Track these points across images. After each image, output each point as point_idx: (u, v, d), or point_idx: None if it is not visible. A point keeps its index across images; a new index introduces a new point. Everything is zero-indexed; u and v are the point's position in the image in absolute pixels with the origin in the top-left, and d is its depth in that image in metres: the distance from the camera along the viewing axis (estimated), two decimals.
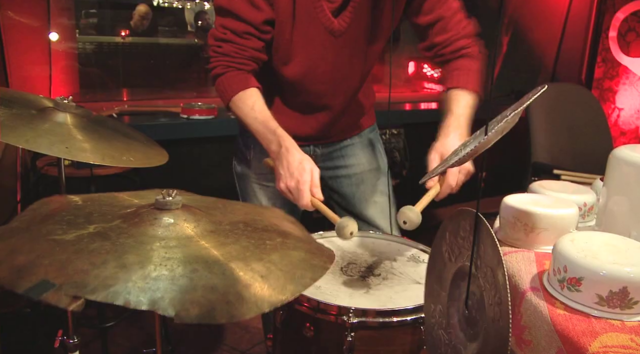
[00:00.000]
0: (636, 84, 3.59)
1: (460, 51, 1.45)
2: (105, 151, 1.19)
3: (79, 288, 0.67)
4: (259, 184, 1.64)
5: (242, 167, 1.67)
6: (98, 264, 0.72)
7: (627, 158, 1.15)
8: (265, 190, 1.64)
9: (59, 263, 0.72)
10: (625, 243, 1.02)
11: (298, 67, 1.45)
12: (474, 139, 0.79)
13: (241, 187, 1.71)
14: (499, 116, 0.77)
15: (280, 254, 0.80)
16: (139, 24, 4.18)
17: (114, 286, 0.68)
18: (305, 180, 1.23)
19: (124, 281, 0.69)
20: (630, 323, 0.90)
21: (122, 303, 0.66)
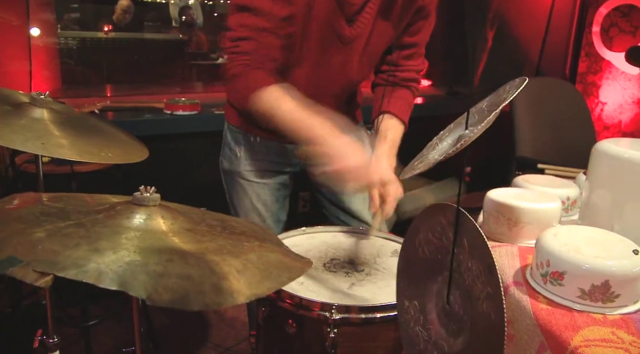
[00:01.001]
0: (619, 79, 3.61)
1: (410, 82, 1.57)
2: (83, 147, 1.17)
3: (47, 265, 0.66)
4: (247, 181, 1.62)
5: (230, 164, 1.65)
6: (70, 246, 0.71)
7: (610, 152, 1.15)
8: (254, 186, 1.62)
9: (29, 243, 0.72)
10: (608, 237, 1.02)
11: (305, 71, 1.44)
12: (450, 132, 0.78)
13: (228, 183, 1.69)
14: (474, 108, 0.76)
15: (257, 254, 0.79)
16: (122, 18, 4.13)
17: (85, 266, 0.67)
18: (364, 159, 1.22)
19: (96, 262, 0.68)
20: (612, 317, 0.90)
21: (92, 281, 0.65)
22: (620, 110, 3.66)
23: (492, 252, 0.64)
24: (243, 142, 1.61)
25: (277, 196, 1.65)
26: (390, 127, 1.48)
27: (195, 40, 5.60)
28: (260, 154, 1.60)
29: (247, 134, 1.60)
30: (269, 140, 1.59)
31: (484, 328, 0.70)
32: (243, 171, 1.61)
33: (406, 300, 0.80)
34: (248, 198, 1.62)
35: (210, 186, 2.86)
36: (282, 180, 1.65)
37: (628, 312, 0.91)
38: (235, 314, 2.49)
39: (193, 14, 5.96)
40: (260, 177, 1.60)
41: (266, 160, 1.61)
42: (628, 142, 1.21)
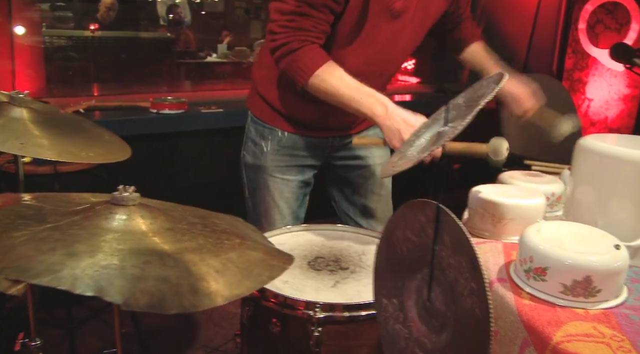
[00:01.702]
0: (605, 75, 3.63)
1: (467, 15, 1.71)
2: (63, 147, 1.16)
3: (21, 272, 0.65)
4: (272, 177, 1.60)
5: (255, 158, 1.62)
6: (45, 250, 0.70)
7: (593, 148, 1.15)
8: (278, 182, 1.60)
9: (3, 249, 0.70)
10: (591, 232, 1.02)
11: (357, 51, 1.42)
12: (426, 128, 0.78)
13: (251, 178, 1.66)
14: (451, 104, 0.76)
15: (238, 253, 0.78)
16: (106, 16, 4.10)
17: (60, 271, 0.66)
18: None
19: (71, 267, 0.67)
20: (593, 311, 0.90)
21: (67, 288, 0.64)
22: (607, 106, 3.68)
23: (475, 248, 0.64)
24: (270, 137, 1.59)
25: (298, 194, 1.64)
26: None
27: (183, 38, 5.58)
28: (287, 149, 1.59)
29: (275, 129, 1.58)
30: (295, 135, 1.58)
31: (469, 323, 0.69)
32: (270, 166, 1.59)
33: (384, 298, 0.79)
34: (271, 195, 1.60)
35: (198, 185, 2.86)
36: (305, 178, 1.64)
37: (609, 306, 0.91)
38: (224, 313, 2.48)
39: (181, 12, 5.93)
40: (285, 173, 1.59)
41: (293, 155, 1.60)
42: (611, 138, 1.22)
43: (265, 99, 1.58)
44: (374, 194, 1.70)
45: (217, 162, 2.91)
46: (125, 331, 2.15)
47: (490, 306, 0.63)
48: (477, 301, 0.65)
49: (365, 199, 1.70)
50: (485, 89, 0.67)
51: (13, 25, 2.63)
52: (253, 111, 1.64)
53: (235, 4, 6.91)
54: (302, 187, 1.65)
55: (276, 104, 1.56)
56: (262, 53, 1.62)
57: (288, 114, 1.56)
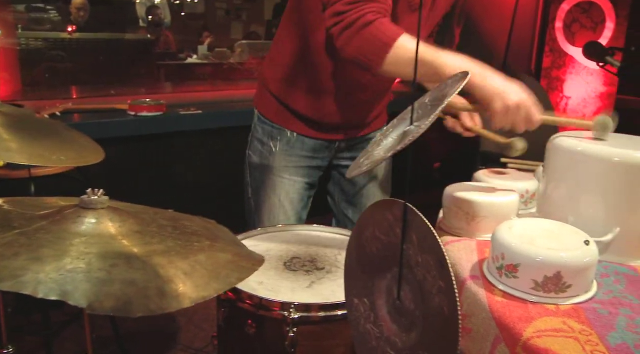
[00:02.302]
0: (582, 73, 3.68)
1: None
2: (33, 150, 1.14)
3: None
4: (279, 177, 1.59)
5: (262, 158, 1.61)
6: (8, 255, 0.69)
7: (564, 145, 1.17)
8: (285, 183, 1.59)
9: None
10: (561, 228, 1.04)
11: None
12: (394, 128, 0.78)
13: (256, 178, 1.64)
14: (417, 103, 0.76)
15: (207, 255, 0.78)
16: (77, 16, 4.05)
17: (23, 276, 0.65)
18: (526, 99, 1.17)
19: (35, 272, 0.66)
20: (564, 307, 0.91)
21: (29, 292, 0.63)
22: (584, 104, 3.73)
23: (443, 246, 0.64)
24: (278, 137, 1.57)
25: (303, 195, 1.64)
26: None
27: (162, 40, 5.54)
28: (295, 150, 1.58)
29: (284, 129, 1.57)
30: (304, 136, 1.57)
31: (437, 322, 0.70)
32: (278, 166, 1.58)
33: (355, 298, 0.79)
34: (277, 195, 1.59)
35: (176, 187, 2.84)
36: (311, 180, 1.64)
37: (579, 301, 0.92)
38: (205, 315, 2.47)
39: (160, 13, 5.89)
40: (292, 173, 1.59)
41: (301, 156, 1.59)
42: (582, 136, 1.23)
43: (278, 97, 1.56)
44: (375, 196, 1.70)
45: (195, 163, 2.90)
46: (104, 335, 2.13)
47: (458, 304, 0.63)
48: (445, 300, 0.65)
49: (366, 201, 1.70)
50: (450, 88, 0.67)
51: None
52: (261, 110, 1.62)
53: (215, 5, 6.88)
54: (307, 189, 1.65)
55: (289, 102, 1.55)
56: (273, 51, 1.60)
57: (301, 113, 1.55)
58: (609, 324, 0.85)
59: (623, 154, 1.05)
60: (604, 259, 1.06)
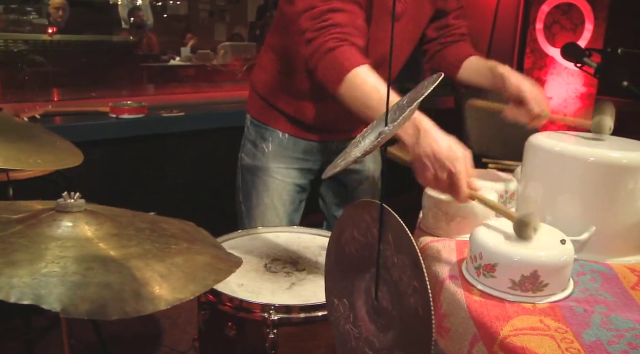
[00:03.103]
0: (563, 74, 3.72)
1: (466, 36, 1.63)
2: (8, 154, 1.13)
3: None
4: (272, 178, 1.59)
5: (255, 160, 1.61)
6: None
7: (541, 145, 1.18)
8: (277, 184, 1.60)
9: None
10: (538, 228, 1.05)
11: (370, 50, 1.36)
12: (373, 129, 0.78)
13: (248, 180, 1.64)
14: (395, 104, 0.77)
15: (184, 257, 0.77)
16: (56, 16, 4.00)
17: None
18: (459, 170, 1.01)
19: (8, 276, 0.66)
20: (541, 305, 0.92)
21: (2, 297, 0.63)
22: (565, 104, 3.77)
23: (417, 247, 0.65)
24: (270, 138, 1.58)
25: (294, 198, 1.64)
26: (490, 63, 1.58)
27: (145, 42, 5.49)
28: (287, 151, 1.59)
29: (276, 131, 1.58)
30: (297, 137, 1.58)
31: (412, 322, 0.70)
32: (271, 167, 1.59)
33: (335, 299, 0.80)
34: (269, 196, 1.59)
35: (159, 190, 2.83)
36: (302, 182, 1.64)
37: (556, 300, 0.94)
38: (188, 319, 2.46)
39: (143, 15, 5.84)
40: (284, 175, 1.59)
41: (294, 157, 1.60)
42: (559, 136, 1.25)
43: (268, 100, 1.58)
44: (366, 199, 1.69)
45: (178, 166, 2.88)
46: (88, 339, 2.11)
47: (432, 305, 0.64)
48: (420, 300, 0.65)
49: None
50: (425, 89, 0.68)
51: None
52: (253, 113, 1.64)
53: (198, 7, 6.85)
54: (299, 191, 1.65)
55: (279, 106, 1.56)
56: (262, 57, 1.62)
57: (291, 116, 1.56)
58: (584, 321, 0.86)
59: (599, 154, 1.07)
60: (581, 257, 1.08)
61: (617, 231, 1.08)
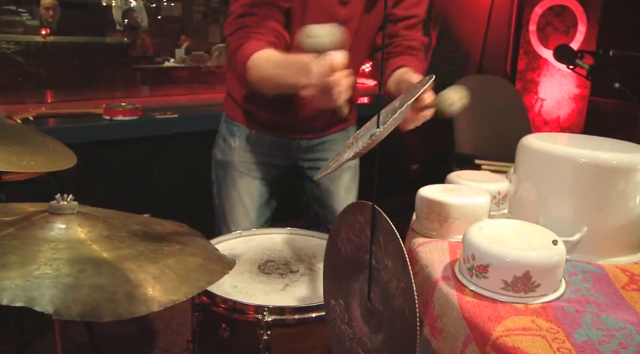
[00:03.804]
0: (556, 76, 3.74)
1: (414, 50, 1.55)
2: (1, 156, 1.12)
3: None
4: (238, 172, 1.64)
5: (224, 155, 1.67)
6: None
7: (533, 146, 1.19)
8: (244, 178, 1.64)
9: None
10: (530, 229, 1.05)
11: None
12: (366, 131, 0.79)
13: (219, 175, 1.69)
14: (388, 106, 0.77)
15: (177, 259, 0.77)
16: (47, 17, 3.99)
17: None
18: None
19: (0, 278, 0.65)
20: (533, 306, 0.93)
21: None
22: (558, 105, 3.79)
23: (404, 248, 0.65)
24: (238, 133, 1.63)
25: (262, 192, 1.67)
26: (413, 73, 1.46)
27: (139, 43, 5.48)
28: (254, 146, 1.63)
29: (243, 127, 1.63)
30: (264, 133, 1.62)
31: (400, 323, 0.71)
32: (236, 161, 1.63)
33: (332, 299, 0.80)
34: (237, 190, 1.63)
35: (153, 192, 2.82)
36: (270, 176, 1.67)
37: (548, 300, 0.94)
38: (182, 320, 2.45)
39: (137, 16, 5.83)
40: (251, 169, 1.63)
41: (260, 152, 1.63)
42: (551, 137, 1.26)
43: (235, 98, 1.64)
44: (340, 197, 1.72)
45: (172, 167, 2.88)
46: (81, 341, 2.10)
47: (417, 307, 0.64)
48: (406, 301, 0.66)
49: (331, 201, 1.72)
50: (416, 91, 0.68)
51: None
52: (224, 110, 1.70)
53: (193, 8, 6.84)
54: (267, 186, 1.68)
55: (243, 104, 1.61)
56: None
57: (254, 113, 1.60)
58: (576, 321, 0.87)
59: (591, 155, 1.08)
60: (572, 258, 1.08)
61: (608, 232, 1.08)
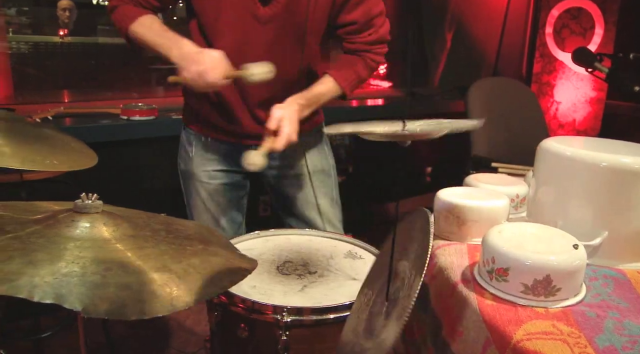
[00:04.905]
0: (572, 79, 3.71)
1: (362, 53, 1.54)
2: (26, 155, 1.14)
3: None
4: (200, 181, 1.61)
5: (185, 164, 1.65)
6: (2, 259, 0.69)
7: (553, 150, 1.18)
8: (206, 186, 1.61)
9: None
10: (550, 233, 1.05)
11: (226, 47, 1.40)
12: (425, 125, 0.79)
13: (185, 185, 1.68)
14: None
15: (200, 259, 0.78)
16: (64, 17, 4.04)
17: (17, 280, 0.66)
18: (204, 60, 1.28)
19: (30, 276, 0.67)
20: (553, 310, 0.92)
21: (25, 296, 0.64)
22: (574, 109, 3.76)
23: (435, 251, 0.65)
24: (194, 142, 1.61)
25: (229, 197, 1.64)
26: (321, 81, 1.49)
27: None
28: (211, 154, 1.60)
29: (199, 134, 1.61)
30: (219, 141, 1.59)
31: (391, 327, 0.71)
32: (195, 171, 1.61)
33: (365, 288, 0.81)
34: (200, 199, 1.62)
35: (169, 192, 2.84)
36: (234, 180, 1.64)
37: (568, 305, 0.94)
38: (196, 320, 2.46)
39: None
40: (212, 177, 1.61)
41: (217, 160, 1.61)
42: (572, 141, 1.25)
43: (190, 104, 1.62)
44: (310, 204, 1.66)
45: None
46: (95, 340, 2.12)
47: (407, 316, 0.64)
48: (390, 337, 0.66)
49: (302, 210, 1.66)
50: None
51: None
52: (183, 118, 1.69)
53: None
54: (232, 190, 1.65)
55: (195, 109, 1.60)
56: None
57: (204, 119, 1.59)
58: (597, 326, 0.86)
59: (610, 159, 1.07)
60: (593, 263, 1.07)
61: (629, 237, 1.08)
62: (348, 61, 1.53)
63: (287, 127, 1.31)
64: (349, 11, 1.46)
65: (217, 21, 1.41)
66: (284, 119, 1.32)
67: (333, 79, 1.49)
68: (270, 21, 1.41)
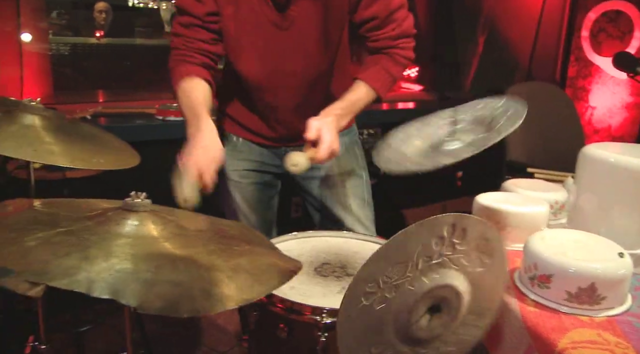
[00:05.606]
0: (608, 83, 3.65)
1: (388, 49, 1.50)
2: (74, 154, 1.17)
3: (38, 275, 0.67)
4: (232, 181, 1.63)
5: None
6: (60, 255, 0.72)
7: (596, 156, 1.17)
8: (238, 186, 1.64)
9: (20, 253, 0.72)
10: (594, 240, 1.04)
11: (249, 63, 1.45)
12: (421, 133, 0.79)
13: (217, 184, 1.69)
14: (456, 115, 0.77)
15: (248, 259, 0.79)
16: (100, 19, 4.13)
17: (75, 275, 0.68)
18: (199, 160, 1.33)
19: (87, 271, 0.69)
20: (598, 319, 0.91)
21: (84, 290, 0.66)
22: (610, 114, 3.70)
23: None
24: (225, 142, 1.61)
25: (260, 196, 1.66)
26: (353, 88, 1.47)
27: None
28: (242, 154, 1.62)
29: (231, 135, 1.63)
30: (250, 142, 1.62)
31: None
32: (228, 171, 1.63)
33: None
34: (232, 198, 1.64)
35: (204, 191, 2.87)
36: (266, 180, 1.66)
37: (614, 314, 0.92)
38: (227, 319, 2.49)
39: None
40: (243, 177, 1.63)
41: (249, 160, 1.63)
42: (614, 147, 1.23)
43: (221, 106, 1.64)
44: (341, 204, 1.65)
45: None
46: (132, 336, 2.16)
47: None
48: None
49: (332, 211, 1.66)
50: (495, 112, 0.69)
51: (21, 33, 2.66)
52: (216, 120, 1.66)
53: None
54: (264, 189, 1.67)
55: (229, 112, 1.62)
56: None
57: (240, 122, 1.61)
58: None
59: None
60: (638, 272, 1.06)
61: None
62: (374, 60, 1.51)
63: (327, 135, 1.30)
64: (366, 6, 1.44)
65: (238, 34, 1.42)
66: (322, 129, 1.31)
67: (364, 82, 1.47)
68: (290, 26, 1.42)
